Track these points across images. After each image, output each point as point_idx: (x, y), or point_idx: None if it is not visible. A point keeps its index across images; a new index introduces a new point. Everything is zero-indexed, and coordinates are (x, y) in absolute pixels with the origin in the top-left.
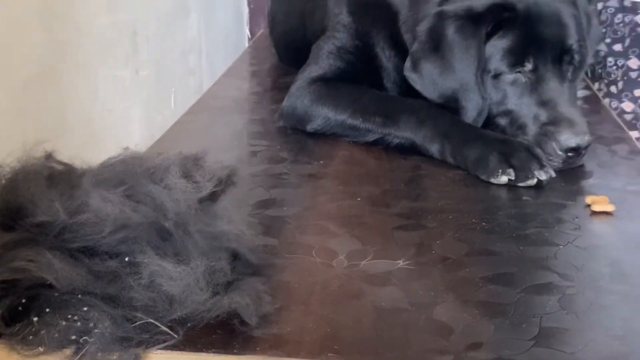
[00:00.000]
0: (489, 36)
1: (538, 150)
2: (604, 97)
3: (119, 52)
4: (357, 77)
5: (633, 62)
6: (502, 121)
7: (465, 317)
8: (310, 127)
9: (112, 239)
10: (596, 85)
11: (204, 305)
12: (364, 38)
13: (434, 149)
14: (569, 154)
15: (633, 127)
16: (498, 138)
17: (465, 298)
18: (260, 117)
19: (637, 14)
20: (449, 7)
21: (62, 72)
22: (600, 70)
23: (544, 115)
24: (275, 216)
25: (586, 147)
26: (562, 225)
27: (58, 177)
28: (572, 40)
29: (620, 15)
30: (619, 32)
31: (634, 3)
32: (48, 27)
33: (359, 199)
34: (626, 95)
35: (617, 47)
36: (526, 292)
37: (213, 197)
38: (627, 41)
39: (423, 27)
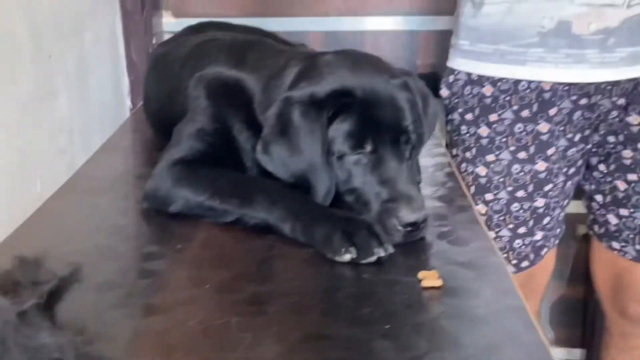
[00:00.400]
0: (331, 120)
1: (378, 229)
2: (460, 162)
3: None
4: (218, 158)
5: (483, 130)
6: (349, 198)
7: None
8: (172, 209)
9: None
10: (454, 151)
11: None
12: (222, 121)
13: (286, 228)
14: (409, 228)
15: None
16: (343, 217)
17: None
18: (127, 198)
19: (483, 86)
20: (294, 93)
21: None
22: (456, 138)
23: (384, 193)
24: (116, 318)
25: (424, 222)
26: (393, 304)
27: None
28: (408, 122)
29: (468, 87)
30: (469, 103)
31: (480, 76)
32: None
33: (207, 286)
34: (480, 161)
35: (469, 116)
36: None
37: (48, 302)
38: (477, 111)
39: (272, 112)
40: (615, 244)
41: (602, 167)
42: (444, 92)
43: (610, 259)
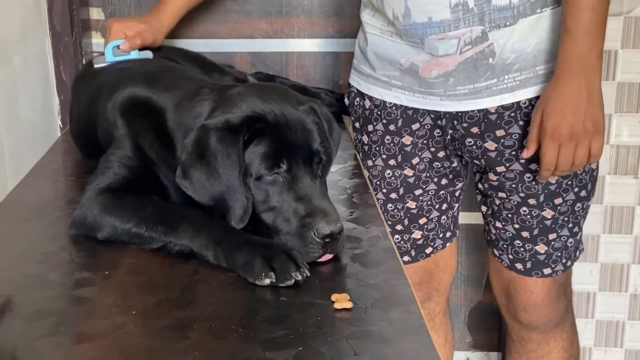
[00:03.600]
0: (247, 144)
1: (295, 253)
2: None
3: None
4: (143, 184)
5: (364, 138)
6: (268, 217)
7: None
8: (100, 235)
9: None
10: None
11: None
12: (140, 147)
13: (209, 255)
14: (326, 239)
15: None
16: (262, 243)
17: None
18: (57, 224)
19: (364, 100)
20: (210, 121)
21: None
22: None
23: (301, 209)
24: (46, 347)
25: (340, 233)
26: (306, 326)
27: None
28: (317, 143)
29: (357, 99)
30: (357, 113)
31: (363, 92)
32: None
33: (134, 312)
34: (363, 164)
35: (357, 124)
36: None
37: None
38: (361, 120)
39: (189, 139)
40: (496, 252)
41: (479, 185)
42: (346, 101)
43: (499, 267)
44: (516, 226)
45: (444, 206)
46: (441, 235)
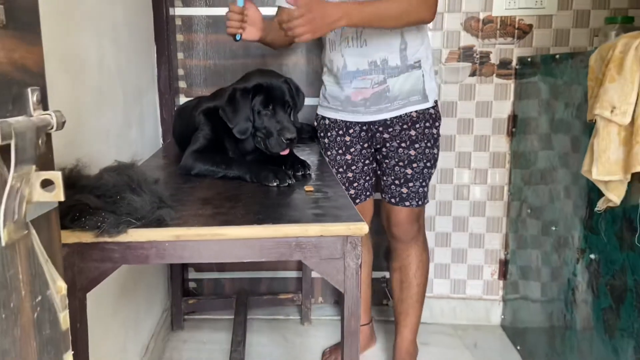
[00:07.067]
0: (253, 97)
1: (288, 172)
2: (324, 153)
3: None
4: (214, 147)
5: (325, 140)
6: (261, 133)
7: None
8: (193, 172)
9: (111, 189)
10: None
11: (149, 212)
12: (214, 129)
13: (246, 176)
14: (287, 141)
15: None
16: (271, 169)
17: None
18: (169, 169)
19: (325, 119)
20: (237, 86)
21: None
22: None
23: (277, 126)
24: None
25: (294, 139)
26: (293, 199)
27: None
28: (287, 96)
29: (321, 120)
30: (320, 127)
31: (324, 116)
32: None
33: (209, 197)
34: (326, 154)
35: (321, 134)
36: None
37: (155, 181)
38: (324, 130)
39: (226, 94)
40: (383, 195)
41: (378, 157)
42: (314, 122)
43: (384, 203)
44: (392, 177)
45: (367, 177)
46: (365, 193)
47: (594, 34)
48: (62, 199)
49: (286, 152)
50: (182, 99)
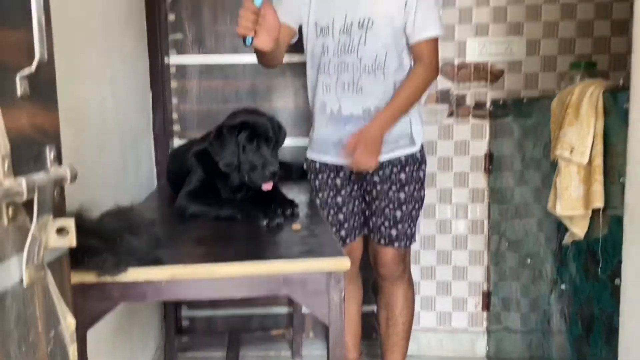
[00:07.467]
0: (239, 133)
1: (278, 211)
2: (315, 195)
3: None
4: (207, 189)
5: (317, 182)
6: (246, 167)
7: None
8: (186, 213)
9: (111, 232)
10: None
11: (146, 253)
12: (206, 171)
13: (237, 216)
14: (270, 175)
15: None
16: (261, 209)
17: None
18: (164, 210)
19: (315, 163)
20: (224, 123)
21: None
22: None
23: (261, 161)
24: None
25: (275, 173)
26: (279, 237)
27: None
28: (270, 133)
29: (311, 164)
30: (310, 169)
31: (313, 159)
32: None
33: (202, 236)
34: (317, 195)
35: (312, 176)
36: None
37: (152, 223)
38: (314, 173)
39: (214, 130)
40: (371, 235)
41: (367, 198)
42: (305, 166)
43: (372, 243)
44: (382, 219)
45: (357, 217)
46: (355, 232)
47: (561, 78)
48: (74, 244)
49: (269, 185)
50: (177, 142)
